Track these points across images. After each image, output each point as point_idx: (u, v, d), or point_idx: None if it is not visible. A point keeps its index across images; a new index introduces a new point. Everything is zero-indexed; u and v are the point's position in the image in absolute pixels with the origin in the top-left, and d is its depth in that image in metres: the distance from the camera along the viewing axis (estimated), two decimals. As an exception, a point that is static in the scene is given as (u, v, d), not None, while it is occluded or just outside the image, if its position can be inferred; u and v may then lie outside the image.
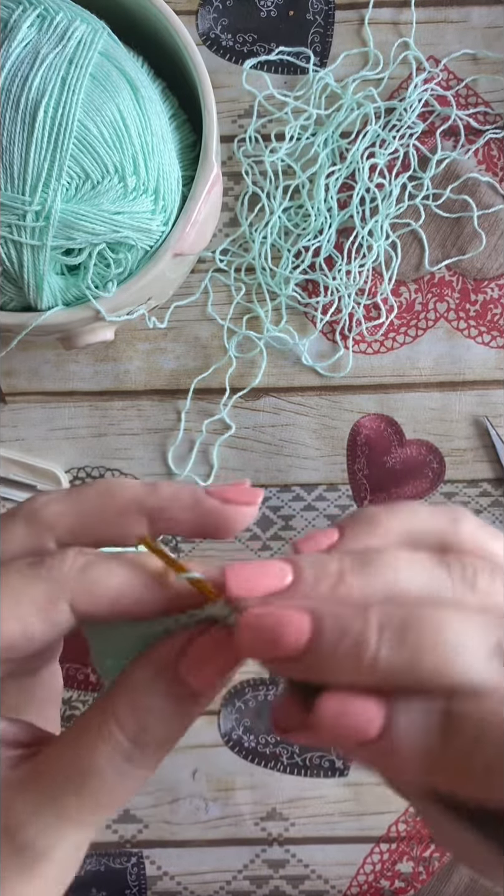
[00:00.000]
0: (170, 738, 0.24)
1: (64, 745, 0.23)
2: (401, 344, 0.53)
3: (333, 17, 0.53)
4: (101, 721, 0.23)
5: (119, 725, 0.23)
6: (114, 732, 0.23)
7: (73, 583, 0.23)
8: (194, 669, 0.23)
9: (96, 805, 0.23)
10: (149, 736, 0.23)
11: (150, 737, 0.23)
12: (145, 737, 0.23)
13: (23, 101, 0.39)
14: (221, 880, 0.52)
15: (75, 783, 0.23)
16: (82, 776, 0.23)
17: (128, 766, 0.23)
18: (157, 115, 0.42)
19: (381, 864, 0.52)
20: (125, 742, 0.23)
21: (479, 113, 0.53)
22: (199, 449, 0.53)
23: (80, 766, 0.23)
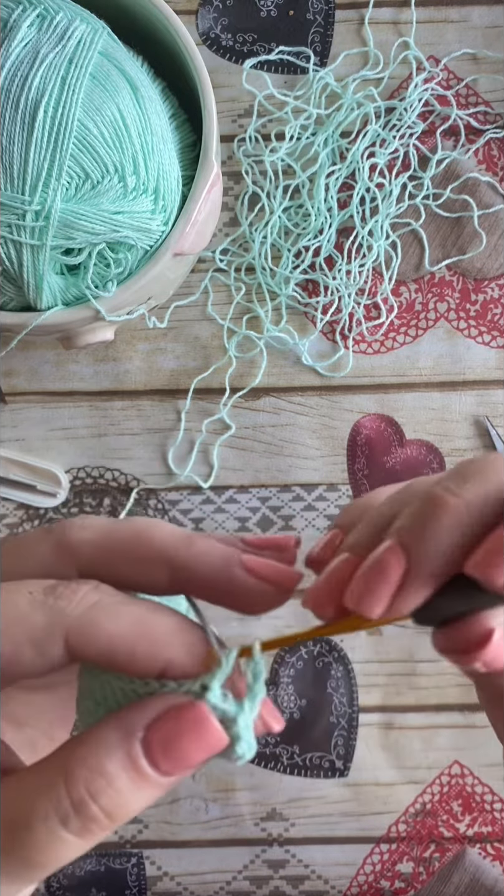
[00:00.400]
0: (119, 815, 0.21)
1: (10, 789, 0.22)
2: (401, 344, 0.53)
3: (333, 16, 0.53)
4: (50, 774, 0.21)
5: (66, 783, 0.21)
6: (58, 790, 0.21)
7: (74, 619, 0.22)
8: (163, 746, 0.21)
9: (25, 860, 0.21)
10: (94, 806, 0.21)
11: (96, 807, 0.21)
12: (90, 806, 0.21)
13: (23, 101, 0.39)
14: (221, 881, 0.52)
15: (10, 830, 0.21)
16: (15, 825, 0.21)
17: (62, 831, 0.21)
18: (157, 115, 0.42)
19: (381, 865, 0.52)
20: (66, 804, 0.21)
21: (480, 113, 0.52)
22: (199, 449, 0.52)
23: (17, 815, 0.21)
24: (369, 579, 0.22)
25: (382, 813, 0.52)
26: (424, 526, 0.21)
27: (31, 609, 0.22)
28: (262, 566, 0.24)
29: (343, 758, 0.52)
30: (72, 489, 0.53)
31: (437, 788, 0.52)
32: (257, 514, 0.52)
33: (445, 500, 0.21)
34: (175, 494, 0.53)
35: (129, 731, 0.21)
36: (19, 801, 0.21)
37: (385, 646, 0.52)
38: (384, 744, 0.52)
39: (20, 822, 0.21)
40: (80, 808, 0.21)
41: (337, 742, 0.52)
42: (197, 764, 0.21)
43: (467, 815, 0.52)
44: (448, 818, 0.52)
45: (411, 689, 0.52)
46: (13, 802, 0.21)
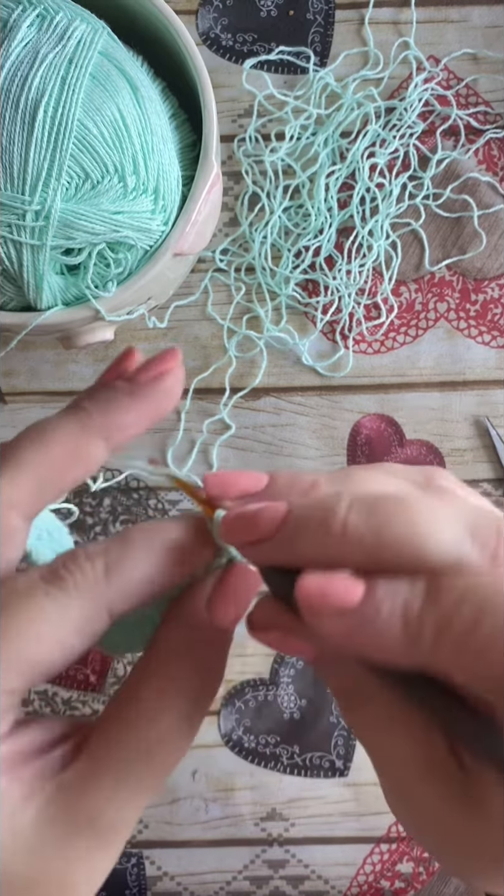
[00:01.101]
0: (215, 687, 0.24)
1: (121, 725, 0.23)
2: (401, 344, 0.53)
3: (333, 16, 0.53)
4: (158, 691, 0.23)
5: (177, 690, 0.23)
6: (175, 699, 0.23)
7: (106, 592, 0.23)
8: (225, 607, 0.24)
9: (164, 769, 0.23)
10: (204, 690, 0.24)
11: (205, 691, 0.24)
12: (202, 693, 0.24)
13: (22, 101, 0.39)
14: (221, 881, 0.52)
15: (144, 757, 0.23)
16: (150, 749, 0.23)
17: (187, 726, 0.24)
18: (157, 115, 0.42)
19: (381, 865, 0.52)
20: (186, 705, 0.23)
21: (480, 112, 0.52)
22: (199, 449, 0.52)
23: (147, 739, 0.23)
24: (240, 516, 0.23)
25: (382, 813, 0.52)
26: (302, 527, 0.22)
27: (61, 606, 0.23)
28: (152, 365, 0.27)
29: (343, 758, 0.52)
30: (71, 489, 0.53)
31: (437, 788, 0.52)
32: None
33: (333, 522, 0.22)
34: (175, 494, 0.53)
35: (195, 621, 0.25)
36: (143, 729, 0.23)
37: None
38: (384, 744, 0.52)
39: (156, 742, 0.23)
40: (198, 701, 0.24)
41: (337, 742, 0.52)
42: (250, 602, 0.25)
43: (467, 815, 0.52)
44: (448, 818, 0.52)
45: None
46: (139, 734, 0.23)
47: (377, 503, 0.21)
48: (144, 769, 0.23)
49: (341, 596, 0.21)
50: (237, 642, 0.24)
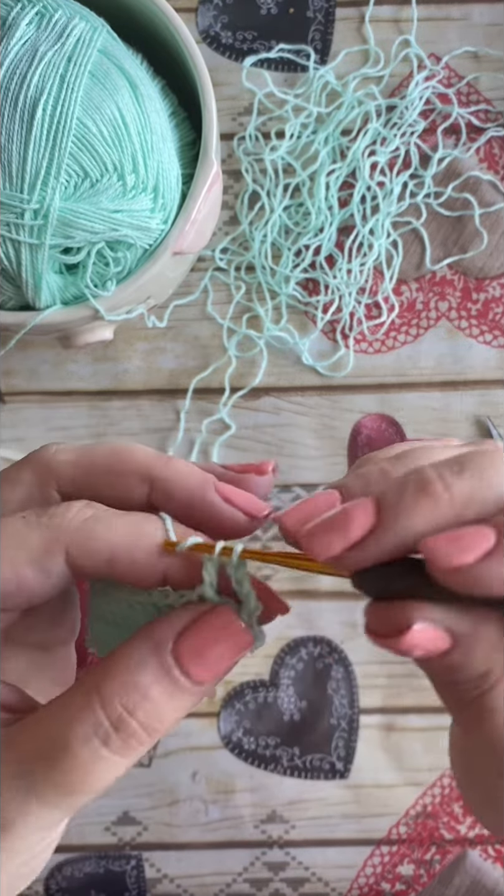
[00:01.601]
0: (157, 727, 0.22)
1: (43, 717, 0.22)
2: (402, 343, 0.52)
3: (334, 14, 0.53)
4: (84, 697, 0.21)
5: (102, 703, 0.21)
6: (95, 711, 0.21)
7: (72, 533, 0.22)
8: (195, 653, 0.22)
9: (67, 786, 0.21)
10: (133, 721, 0.21)
11: (135, 722, 0.21)
12: (129, 721, 0.21)
13: (21, 99, 0.38)
14: (221, 883, 0.52)
15: (47, 759, 0.21)
16: (55, 753, 0.21)
17: (104, 750, 0.21)
18: (157, 113, 0.42)
19: (381, 867, 0.52)
20: (105, 723, 0.21)
21: (481, 111, 0.52)
22: (199, 449, 0.52)
23: (55, 741, 0.21)
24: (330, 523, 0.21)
25: (383, 815, 0.52)
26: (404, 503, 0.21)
27: (28, 530, 0.23)
28: (235, 494, 0.25)
29: (344, 759, 0.52)
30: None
31: (437, 790, 0.52)
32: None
33: (434, 488, 0.21)
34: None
35: (158, 643, 0.22)
36: (54, 728, 0.21)
37: (386, 647, 0.52)
38: (385, 745, 0.52)
39: (59, 748, 0.21)
40: (119, 725, 0.21)
41: (337, 744, 0.52)
42: (227, 667, 0.22)
43: (468, 816, 0.51)
44: (449, 820, 0.52)
45: (412, 690, 0.52)
46: (47, 731, 0.21)
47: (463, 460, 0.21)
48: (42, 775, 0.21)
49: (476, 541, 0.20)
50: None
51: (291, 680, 0.52)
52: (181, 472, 0.24)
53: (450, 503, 0.21)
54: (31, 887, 0.52)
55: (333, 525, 0.21)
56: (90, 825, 0.52)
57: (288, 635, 0.52)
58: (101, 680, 0.22)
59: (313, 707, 0.52)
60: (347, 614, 0.52)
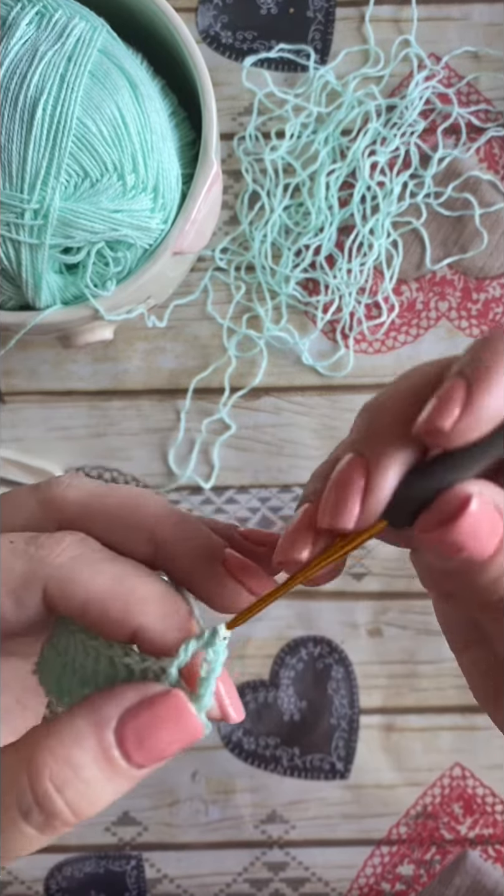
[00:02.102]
0: (85, 808, 0.20)
1: None
2: (402, 343, 0.52)
3: (334, 14, 0.53)
4: (16, 762, 0.20)
5: (30, 775, 0.20)
6: (20, 783, 0.20)
7: (54, 570, 0.22)
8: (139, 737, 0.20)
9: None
10: (60, 800, 0.20)
11: (62, 802, 0.20)
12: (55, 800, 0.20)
13: (21, 99, 0.38)
14: (221, 883, 0.52)
15: None
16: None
17: (23, 824, 0.20)
18: (157, 113, 0.42)
19: (381, 867, 0.52)
20: (29, 798, 0.20)
21: (481, 111, 0.52)
22: (199, 449, 0.52)
23: None
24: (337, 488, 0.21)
25: (383, 815, 0.52)
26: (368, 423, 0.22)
27: (12, 557, 0.22)
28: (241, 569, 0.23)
29: (344, 760, 0.52)
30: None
31: (438, 790, 0.52)
32: (257, 515, 0.52)
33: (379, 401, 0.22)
34: (174, 495, 0.52)
35: (101, 720, 0.20)
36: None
37: (386, 647, 0.52)
38: (385, 745, 0.52)
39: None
40: (43, 803, 0.20)
41: (337, 744, 0.52)
42: (171, 755, 0.21)
43: (468, 817, 0.51)
44: (449, 820, 0.51)
45: (412, 690, 0.52)
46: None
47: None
48: None
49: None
50: (237, 642, 0.23)
51: (291, 680, 0.52)
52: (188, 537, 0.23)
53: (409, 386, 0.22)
54: (31, 887, 0.52)
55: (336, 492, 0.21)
56: (90, 825, 0.52)
57: (288, 635, 0.52)
58: (36, 750, 0.20)
59: (313, 707, 0.52)
60: (347, 614, 0.52)
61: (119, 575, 0.22)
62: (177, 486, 0.52)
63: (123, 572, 0.22)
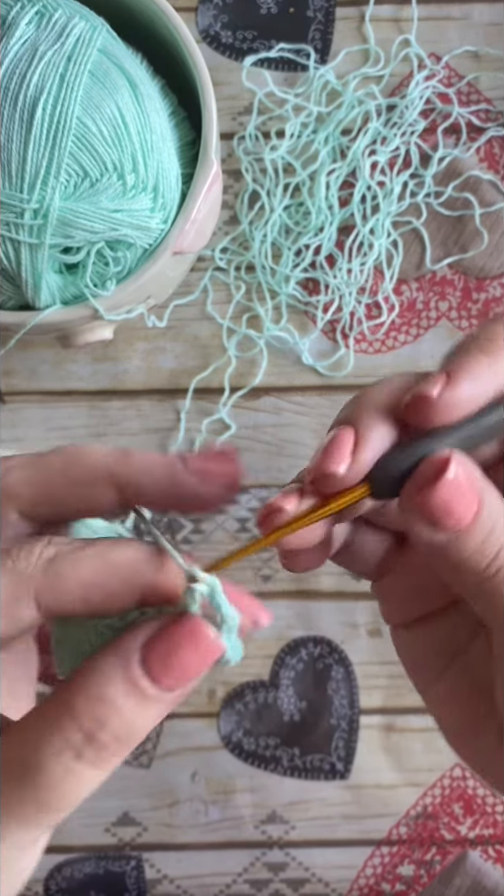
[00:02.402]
0: (130, 737, 0.21)
1: (14, 736, 0.22)
2: (402, 343, 0.52)
3: (334, 13, 0.52)
4: (54, 712, 0.21)
5: (72, 717, 0.21)
6: (65, 725, 0.21)
7: (38, 578, 0.22)
8: (163, 661, 0.21)
9: (41, 803, 0.21)
10: (105, 733, 0.21)
11: (107, 734, 0.21)
12: (101, 733, 0.21)
13: (21, 99, 0.38)
14: (221, 883, 0.52)
15: (19, 777, 0.21)
16: (27, 770, 0.21)
17: (77, 764, 0.21)
18: (157, 113, 0.42)
19: (381, 868, 0.52)
20: (77, 737, 0.21)
21: (481, 110, 0.52)
22: (199, 449, 0.52)
23: (26, 758, 0.21)
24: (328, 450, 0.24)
25: (383, 815, 0.52)
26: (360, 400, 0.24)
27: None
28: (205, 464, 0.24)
29: (344, 760, 0.52)
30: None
31: (438, 791, 0.52)
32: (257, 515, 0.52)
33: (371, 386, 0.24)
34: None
35: (125, 654, 0.21)
36: (25, 745, 0.21)
37: (386, 647, 0.52)
38: (385, 746, 0.52)
39: (30, 766, 0.21)
40: (91, 738, 0.21)
41: (338, 744, 0.52)
42: (197, 674, 0.22)
43: (469, 817, 0.51)
44: (449, 820, 0.51)
45: (412, 690, 0.51)
46: (18, 749, 0.21)
47: None
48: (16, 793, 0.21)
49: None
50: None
51: (291, 680, 0.52)
52: (145, 465, 0.24)
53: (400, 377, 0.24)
54: (31, 888, 0.52)
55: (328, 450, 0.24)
56: (90, 826, 0.52)
57: (288, 635, 0.52)
58: (70, 695, 0.21)
59: (313, 707, 0.52)
60: (347, 614, 0.52)
61: (101, 554, 0.22)
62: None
63: (103, 550, 0.23)
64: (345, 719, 0.52)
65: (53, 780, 0.21)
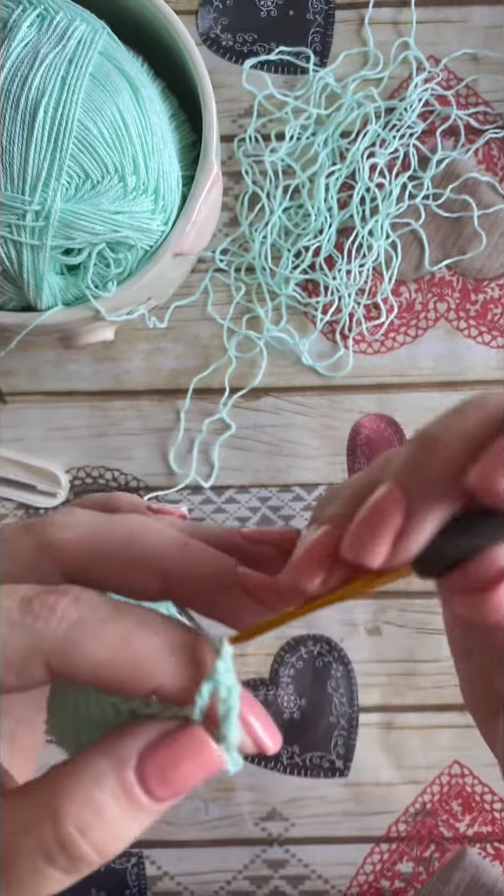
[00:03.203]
0: (110, 847, 0.20)
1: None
2: (401, 344, 0.53)
3: (333, 16, 0.53)
4: (36, 808, 0.20)
5: (53, 819, 0.19)
6: (43, 829, 0.19)
7: (54, 643, 0.20)
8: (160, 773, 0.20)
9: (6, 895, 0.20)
10: (84, 843, 0.20)
11: (86, 844, 0.20)
12: (79, 843, 0.20)
13: (22, 101, 0.39)
14: (221, 880, 0.52)
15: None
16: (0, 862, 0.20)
17: (49, 868, 0.20)
18: (157, 115, 0.42)
19: (381, 865, 0.52)
20: (52, 844, 0.19)
21: (480, 113, 0.52)
22: (199, 449, 0.52)
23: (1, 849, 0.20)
24: (370, 523, 0.20)
25: (382, 813, 0.52)
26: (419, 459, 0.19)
27: (9, 633, 0.20)
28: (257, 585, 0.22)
29: (343, 757, 0.52)
30: (72, 489, 0.53)
31: (437, 788, 0.52)
32: (257, 515, 0.52)
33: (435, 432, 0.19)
34: (175, 494, 0.53)
35: (121, 759, 0.20)
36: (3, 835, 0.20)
37: (385, 645, 0.52)
38: (384, 744, 0.52)
39: (4, 858, 0.20)
40: (68, 848, 0.20)
41: (337, 742, 0.52)
42: (193, 787, 0.21)
43: (467, 814, 0.52)
44: (448, 818, 0.52)
45: (411, 688, 0.52)
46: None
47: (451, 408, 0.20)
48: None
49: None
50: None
51: (291, 678, 0.52)
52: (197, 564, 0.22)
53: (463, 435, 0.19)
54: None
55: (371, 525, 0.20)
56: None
57: (288, 634, 0.52)
58: (56, 792, 0.20)
59: (313, 705, 0.52)
60: (347, 613, 0.52)
61: (124, 635, 0.21)
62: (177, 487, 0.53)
63: (128, 631, 0.21)
64: (344, 717, 0.52)
65: (22, 879, 0.20)
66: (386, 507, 0.19)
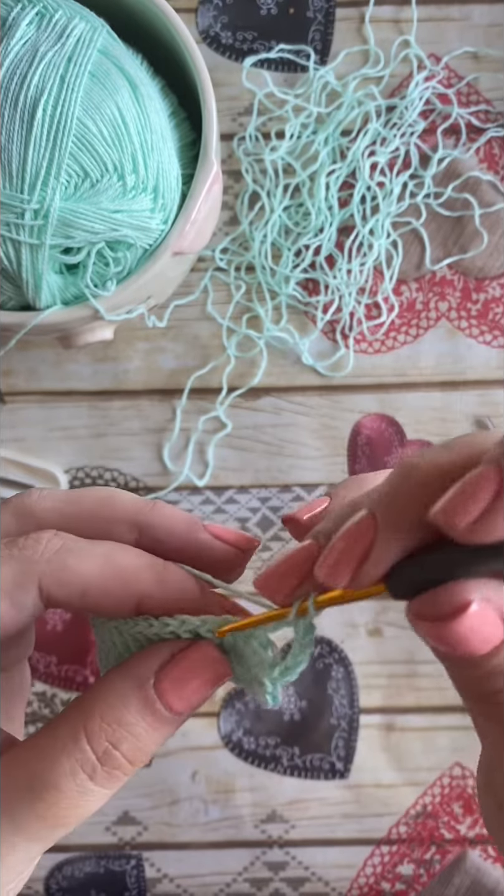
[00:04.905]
0: (140, 758, 0.23)
1: (27, 753, 0.22)
2: (402, 343, 0.52)
3: (334, 14, 0.53)
4: (69, 733, 0.22)
5: (88, 739, 0.22)
6: (81, 747, 0.22)
7: (44, 565, 0.22)
8: (175, 688, 0.23)
9: (52, 820, 0.22)
10: (117, 754, 0.22)
11: (119, 755, 0.22)
12: (114, 755, 0.22)
13: (21, 99, 0.38)
14: (221, 882, 0.52)
15: (32, 795, 0.22)
16: (40, 789, 0.22)
17: (90, 784, 0.22)
18: (157, 113, 0.42)
19: (381, 867, 0.52)
20: (91, 759, 0.22)
21: (481, 111, 0.52)
22: (195, 448, 0.52)
23: (40, 777, 0.22)
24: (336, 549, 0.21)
25: (383, 815, 0.52)
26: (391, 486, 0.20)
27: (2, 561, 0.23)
28: (223, 530, 0.25)
29: (344, 759, 0.52)
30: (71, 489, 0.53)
31: (437, 790, 0.52)
32: (257, 515, 0.52)
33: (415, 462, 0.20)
34: (174, 495, 0.52)
35: (141, 679, 0.23)
36: (40, 763, 0.22)
37: (386, 647, 0.52)
38: (385, 745, 0.52)
39: (44, 784, 0.22)
40: (105, 759, 0.22)
41: (337, 743, 0.52)
42: (206, 698, 0.23)
43: (468, 816, 0.51)
44: (449, 820, 0.52)
45: (412, 690, 0.52)
46: (32, 767, 0.22)
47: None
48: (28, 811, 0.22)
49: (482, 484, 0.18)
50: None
51: (291, 680, 0.52)
52: (168, 517, 0.25)
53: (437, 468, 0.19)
54: (31, 887, 0.52)
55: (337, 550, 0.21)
56: (90, 825, 0.52)
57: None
58: (86, 716, 0.22)
59: (313, 707, 0.52)
60: (347, 614, 0.52)
61: (107, 553, 0.23)
62: (177, 487, 0.52)
63: (110, 550, 0.23)
64: (345, 719, 0.52)
65: (65, 798, 0.22)
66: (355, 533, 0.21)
